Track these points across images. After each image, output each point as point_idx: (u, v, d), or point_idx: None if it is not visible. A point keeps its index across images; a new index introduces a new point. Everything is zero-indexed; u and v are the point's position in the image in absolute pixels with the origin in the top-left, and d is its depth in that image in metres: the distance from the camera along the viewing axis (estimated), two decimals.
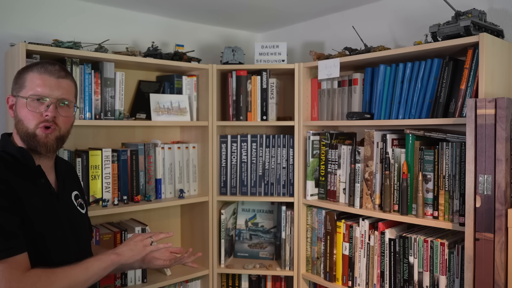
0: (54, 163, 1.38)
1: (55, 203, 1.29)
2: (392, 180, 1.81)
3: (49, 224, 1.24)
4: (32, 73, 1.26)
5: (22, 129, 1.25)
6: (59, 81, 1.27)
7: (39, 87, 1.24)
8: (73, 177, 1.51)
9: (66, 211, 1.33)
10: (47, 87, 1.25)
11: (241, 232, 2.47)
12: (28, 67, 1.29)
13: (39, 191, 1.25)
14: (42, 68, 1.27)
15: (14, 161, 1.24)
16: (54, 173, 1.36)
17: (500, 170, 1.37)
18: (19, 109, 1.26)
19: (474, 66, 1.59)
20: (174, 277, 2.16)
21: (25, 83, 1.25)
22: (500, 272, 1.37)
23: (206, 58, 2.56)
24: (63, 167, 1.41)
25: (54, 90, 1.26)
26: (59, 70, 1.29)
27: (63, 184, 1.37)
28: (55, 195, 1.31)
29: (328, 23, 2.45)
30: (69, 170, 1.50)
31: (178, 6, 2.25)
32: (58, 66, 1.29)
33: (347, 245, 1.99)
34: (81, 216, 1.41)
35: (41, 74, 1.25)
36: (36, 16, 2.02)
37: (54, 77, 1.26)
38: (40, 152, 1.26)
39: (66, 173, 1.42)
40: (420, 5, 2.03)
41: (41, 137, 1.24)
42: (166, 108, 2.20)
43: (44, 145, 1.25)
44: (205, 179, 2.30)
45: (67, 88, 1.30)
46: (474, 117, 1.42)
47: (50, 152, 1.28)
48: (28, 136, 1.24)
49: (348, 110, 2.06)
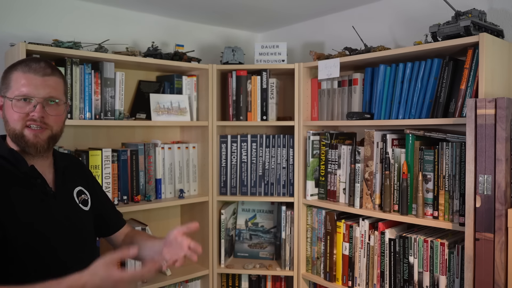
0: (53, 159, 1.35)
1: (51, 203, 1.27)
2: (392, 180, 1.81)
3: (35, 235, 1.20)
4: (16, 72, 1.22)
5: (10, 130, 1.23)
6: (45, 79, 1.23)
7: (24, 87, 1.20)
8: (78, 172, 1.46)
9: (64, 209, 1.31)
10: (32, 86, 1.21)
11: (241, 232, 2.47)
12: (13, 66, 1.24)
13: (32, 194, 1.23)
14: (26, 67, 1.22)
15: (7, 164, 1.22)
16: (52, 171, 1.34)
17: (500, 170, 1.37)
18: (6, 111, 1.23)
19: (474, 66, 1.59)
20: (174, 277, 2.16)
21: (11, 83, 1.22)
22: (500, 272, 1.37)
23: (206, 58, 2.56)
24: (63, 163, 1.38)
25: (40, 89, 1.21)
26: (44, 67, 1.24)
27: (63, 181, 1.35)
28: (51, 195, 1.28)
29: (328, 23, 2.45)
30: (73, 165, 1.46)
31: (178, 6, 2.25)
32: (43, 63, 1.25)
33: (347, 245, 1.99)
34: (84, 213, 1.38)
35: (26, 73, 1.21)
36: (36, 16, 2.02)
37: (39, 75, 1.22)
38: (30, 152, 1.24)
39: (67, 169, 1.39)
40: (420, 5, 2.03)
41: (29, 137, 1.21)
42: (166, 108, 2.20)
43: (33, 145, 1.22)
44: (205, 179, 2.30)
45: (54, 86, 1.25)
46: (474, 117, 1.42)
47: (40, 152, 1.25)
48: (16, 137, 1.22)
49: (348, 110, 2.06)
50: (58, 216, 1.28)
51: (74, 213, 1.35)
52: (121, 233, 1.55)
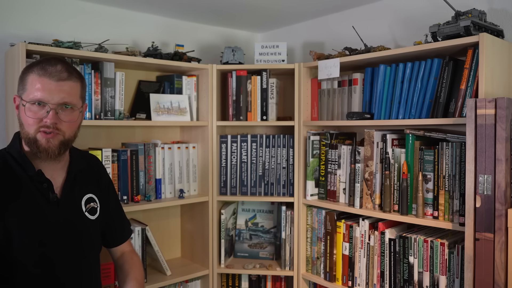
0: (68, 162, 1.34)
1: (52, 210, 1.26)
2: (392, 180, 1.81)
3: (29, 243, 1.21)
4: (32, 75, 1.22)
5: (24, 133, 1.23)
6: (59, 84, 1.21)
7: (38, 92, 1.19)
8: (93, 177, 1.44)
9: (65, 217, 1.29)
10: (46, 92, 1.20)
11: (241, 232, 2.47)
12: (29, 67, 1.24)
13: (33, 200, 1.23)
14: (42, 70, 1.21)
15: (16, 165, 1.24)
16: (65, 174, 1.33)
17: (500, 170, 1.37)
18: (21, 113, 1.23)
19: (474, 66, 1.59)
20: (174, 277, 2.16)
21: (26, 86, 1.22)
22: (500, 272, 1.37)
23: (206, 58, 2.56)
24: (79, 167, 1.37)
25: (54, 95, 1.20)
26: (60, 71, 1.22)
27: (72, 187, 1.33)
28: (54, 203, 1.27)
29: (328, 23, 2.45)
30: (90, 169, 1.44)
31: (178, 6, 2.25)
32: (60, 66, 1.23)
33: (347, 245, 1.99)
34: (89, 222, 1.36)
35: (41, 77, 1.20)
36: (36, 16, 2.02)
37: (54, 80, 1.21)
38: (41, 157, 1.24)
39: (81, 173, 1.37)
40: (420, 5, 2.03)
41: (41, 142, 1.21)
42: (166, 108, 2.20)
43: (45, 150, 1.22)
44: (205, 179, 2.30)
45: (69, 91, 1.23)
46: (474, 117, 1.42)
47: (51, 158, 1.24)
48: (29, 141, 1.22)
49: (348, 110, 2.06)
50: (57, 224, 1.27)
51: (77, 221, 1.33)
52: (118, 250, 1.54)
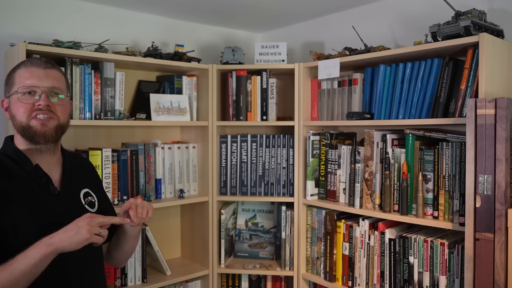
0: (62, 158, 1.36)
1: (54, 202, 1.27)
2: (392, 180, 1.81)
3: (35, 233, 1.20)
4: (19, 70, 1.27)
5: (17, 124, 1.25)
6: (47, 71, 1.27)
7: (28, 80, 1.24)
8: (86, 174, 1.46)
9: (68, 208, 1.30)
10: (35, 78, 1.25)
11: (241, 232, 2.47)
12: (15, 67, 1.30)
13: (35, 194, 1.23)
14: (28, 63, 1.28)
15: (12, 163, 1.23)
16: (60, 169, 1.34)
17: (500, 170, 1.37)
18: (12, 105, 1.26)
19: (474, 66, 1.59)
20: (174, 277, 2.16)
21: (14, 81, 1.26)
22: (500, 272, 1.37)
23: (206, 58, 2.56)
24: (71, 163, 1.39)
25: (44, 80, 1.25)
26: (45, 62, 1.30)
27: (70, 181, 1.35)
28: (55, 195, 1.28)
29: (328, 23, 2.45)
30: (82, 167, 1.46)
31: (178, 6, 2.25)
32: (44, 60, 1.31)
33: (347, 245, 1.99)
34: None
35: (28, 68, 1.26)
36: (36, 16, 2.02)
37: (41, 68, 1.27)
38: (39, 142, 1.25)
39: (75, 170, 1.39)
40: (420, 5, 2.03)
41: (37, 127, 1.23)
42: (166, 108, 2.20)
43: (42, 134, 1.24)
44: (205, 179, 2.30)
45: (57, 78, 1.29)
46: (474, 117, 1.42)
47: (49, 142, 1.26)
48: (24, 129, 1.24)
49: (348, 110, 2.06)
50: (60, 215, 1.27)
51: (79, 213, 1.32)
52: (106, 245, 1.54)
